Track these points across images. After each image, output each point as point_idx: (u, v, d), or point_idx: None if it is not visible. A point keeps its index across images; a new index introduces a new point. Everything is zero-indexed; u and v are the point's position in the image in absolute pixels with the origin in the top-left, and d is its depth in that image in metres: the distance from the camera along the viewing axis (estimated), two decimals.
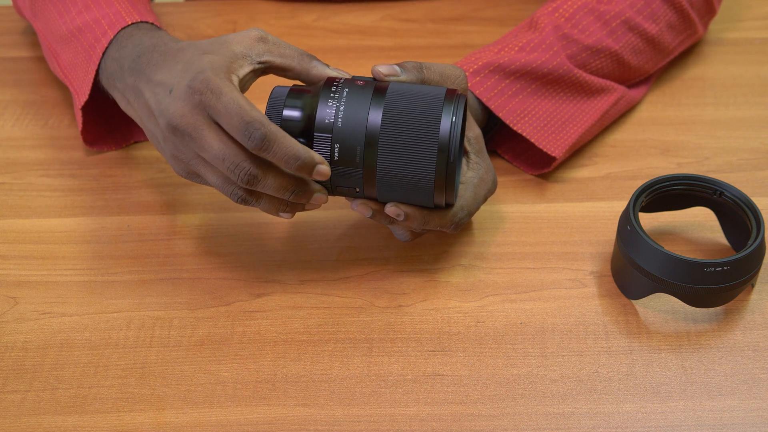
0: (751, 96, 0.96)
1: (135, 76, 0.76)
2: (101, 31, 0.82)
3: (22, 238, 0.83)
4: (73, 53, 0.85)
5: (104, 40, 0.81)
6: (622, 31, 0.89)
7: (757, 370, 0.71)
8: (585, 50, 0.87)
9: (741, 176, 0.87)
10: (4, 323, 0.76)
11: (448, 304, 0.77)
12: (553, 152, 0.84)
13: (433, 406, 0.70)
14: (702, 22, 0.96)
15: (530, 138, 0.83)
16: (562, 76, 0.85)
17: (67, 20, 0.85)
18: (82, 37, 0.83)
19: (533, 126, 0.84)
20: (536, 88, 0.85)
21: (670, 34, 0.92)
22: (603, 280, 0.78)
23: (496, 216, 0.84)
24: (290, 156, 0.68)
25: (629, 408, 0.69)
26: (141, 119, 0.76)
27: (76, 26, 0.84)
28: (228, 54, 0.72)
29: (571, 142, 0.85)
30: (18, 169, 0.89)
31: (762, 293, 0.77)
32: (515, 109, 0.84)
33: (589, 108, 0.87)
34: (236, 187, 0.71)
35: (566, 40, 0.86)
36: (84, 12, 0.84)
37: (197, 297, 0.77)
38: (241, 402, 0.70)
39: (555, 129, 0.85)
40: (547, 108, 0.85)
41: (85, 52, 0.83)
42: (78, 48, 0.84)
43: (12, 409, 0.70)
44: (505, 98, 0.84)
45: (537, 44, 0.85)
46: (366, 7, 1.08)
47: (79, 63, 0.84)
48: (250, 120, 0.67)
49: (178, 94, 0.70)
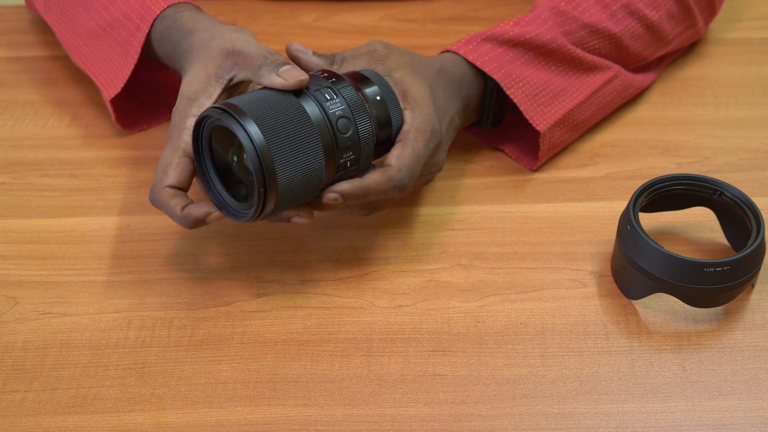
0: (751, 96, 0.96)
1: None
2: (134, 26, 0.84)
3: (22, 238, 0.83)
4: (104, 48, 0.87)
5: (140, 34, 0.83)
6: (623, 14, 0.88)
7: (757, 370, 0.71)
8: (583, 28, 0.86)
9: (741, 176, 0.87)
10: (4, 323, 0.76)
11: (448, 304, 0.77)
12: (538, 125, 0.83)
13: (433, 406, 0.70)
14: (702, 16, 0.96)
15: (520, 106, 0.83)
16: (556, 50, 0.85)
17: (93, 15, 0.87)
18: (114, 32, 0.86)
19: (525, 93, 0.83)
20: (530, 58, 0.84)
21: (670, 23, 0.92)
22: (603, 280, 0.78)
23: (496, 216, 0.84)
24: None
25: (629, 408, 0.69)
26: None
27: (106, 22, 0.86)
28: (210, 66, 0.75)
29: (558, 117, 0.84)
30: (18, 169, 0.89)
31: (762, 293, 0.77)
32: (510, 73, 0.83)
33: (581, 83, 0.87)
34: None
35: (563, 16, 0.86)
36: (109, 6, 0.86)
37: (197, 297, 0.77)
38: (241, 402, 0.70)
39: (545, 100, 0.84)
40: (540, 78, 0.84)
41: (120, 47, 0.85)
42: (111, 43, 0.86)
43: (12, 409, 0.70)
44: (500, 63, 0.83)
45: (531, 19, 0.85)
46: (366, 7, 1.08)
47: (111, 58, 0.86)
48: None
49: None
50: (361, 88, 0.74)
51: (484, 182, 0.87)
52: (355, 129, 0.72)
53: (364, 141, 0.73)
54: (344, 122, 0.71)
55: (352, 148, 0.72)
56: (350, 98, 0.73)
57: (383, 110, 0.74)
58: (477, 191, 0.86)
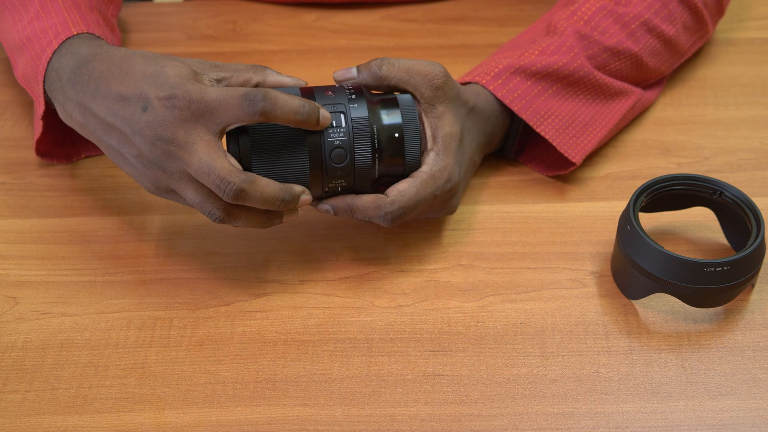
0: (751, 96, 0.96)
1: (76, 90, 0.74)
2: (47, 41, 0.80)
3: (22, 238, 0.83)
4: (24, 63, 0.82)
5: (49, 50, 0.79)
6: (641, 32, 0.88)
7: (757, 370, 0.71)
8: (605, 51, 0.86)
9: (741, 176, 0.87)
10: (4, 323, 0.76)
11: (448, 304, 0.77)
12: (573, 158, 0.83)
13: (433, 406, 0.70)
14: (713, 22, 0.96)
15: (552, 141, 0.83)
16: (583, 78, 0.85)
17: (20, 28, 0.83)
18: (31, 46, 0.81)
19: (555, 128, 0.83)
20: (558, 90, 0.84)
21: (685, 34, 0.92)
22: (603, 280, 0.78)
23: (496, 216, 0.84)
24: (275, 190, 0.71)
25: (629, 408, 0.69)
26: (93, 134, 0.74)
27: (26, 35, 0.82)
28: (186, 63, 0.72)
29: (592, 148, 0.85)
30: (18, 169, 0.89)
31: (762, 293, 0.77)
32: (538, 110, 0.83)
33: (608, 111, 0.87)
34: (215, 205, 0.71)
35: (586, 41, 0.86)
36: (35, 21, 0.82)
37: (197, 297, 0.77)
38: (241, 402, 0.70)
39: (576, 132, 0.84)
40: (568, 110, 0.84)
41: (33, 63, 0.81)
42: (28, 58, 0.82)
43: (12, 409, 0.70)
44: (528, 100, 0.83)
45: (557, 47, 0.85)
46: (366, 8, 1.08)
47: (30, 73, 0.82)
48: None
49: (160, 112, 0.69)
50: (382, 116, 0.74)
51: (484, 182, 0.87)
52: (351, 160, 0.73)
53: (360, 171, 0.73)
54: (339, 152, 0.72)
55: (343, 177, 0.73)
56: (358, 126, 0.73)
57: (397, 144, 0.74)
58: (477, 191, 0.86)
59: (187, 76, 0.70)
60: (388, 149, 0.74)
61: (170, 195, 0.73)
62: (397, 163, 0.74)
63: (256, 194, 0.70)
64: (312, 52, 1.02)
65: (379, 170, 0.74)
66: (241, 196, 0.69)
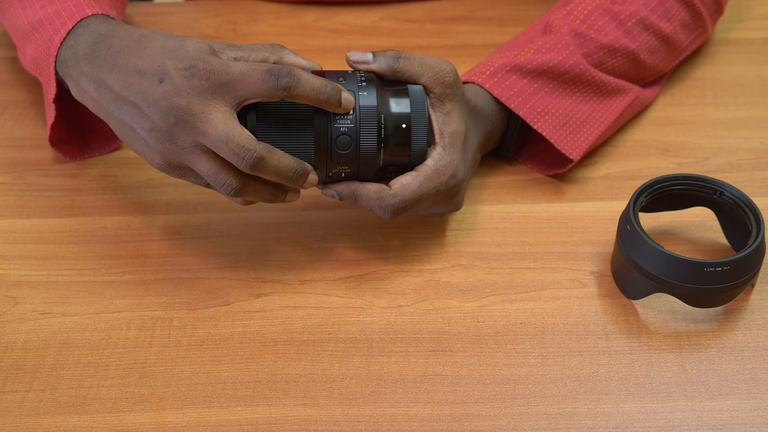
0: (751, 96, 0.96)
1: (93, 64, 0.74)
2: (60, 23, 0.80)
3: (22, 238, 0.83)
4: (34, 46, 0.82)
5: (63, 30, 0.79)
6: (638, 30, 0.88)
7: (757, 370, 0.71)
8: (601, 49, 0.87)
9: (741, 176, 0.87)
10: (4, 323, 0.76)
11: (448, 304, 0.77)
12: (570, 154, 0.83)
13: (433, 406, 0.70)
14: (711, 19, 0.96)
15: (549, 138, 0.83)
16: (579, 76, 0.85)
17: (30, 14, 0.83)
18: (42, 29, 0.81)
19: (552, 125, 0.83)
20: (554, 87, 0.85)
21: (683, 32, 0.92)
22: (603, 280, 0.78)
23: (496, 216, 0.84)
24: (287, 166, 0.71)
25: (629, 408, 0.69)
26: (106, 108, 0.74)
27: (38, 19, 0.82)
28: (204, 40, 0.72)
29: (589, 144, 0.85)
30: (18, 169, 0.89)
31: (762, 293, 0.77)
32: (535, 107, 0.83)
33: (605, 108, 0.87)
34: (231, 175, 0.70)
35: (582, 39, 0.86)
36: (47, 5, 0.82)
37: (197, 297, 0.78)
38: (241, 402, 0.70)
39: (573, 129, 0.84)
40: (565, 107, 0.85)
41: (44, 44, 0.81)
42: (39, 41, 0.81)
43: (12, 409, 0.70)
44: (524, 97, 0.83)
45: (553, 45, 0.85)
46: (366, 7, 1.08)
47: (41, 56, 0.82)
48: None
49: (178, 81, 0.69)
50: (391, 105, 0.74)
51: (484, 182, 0.87)
52: (356, 147, 0.73)
53: (365, 159, 0.73)
54: (344, 139, 0.72)
55: (347, 163, 0.73)
56: (366, 115, 0.73)
57: (404, 134, 0.74)
58: (477, 191, 0.86)
59: (207, 50, 0.70)
60: (394, 138, 0.74)
61: (181, 171, 0.73)
62: (402, 153, 0.74)
63: (273, 163, 0.69)
64: (312, 52, 1.02)
65: (384, 159, 0.74)
66: (260, 164, 0.69)
